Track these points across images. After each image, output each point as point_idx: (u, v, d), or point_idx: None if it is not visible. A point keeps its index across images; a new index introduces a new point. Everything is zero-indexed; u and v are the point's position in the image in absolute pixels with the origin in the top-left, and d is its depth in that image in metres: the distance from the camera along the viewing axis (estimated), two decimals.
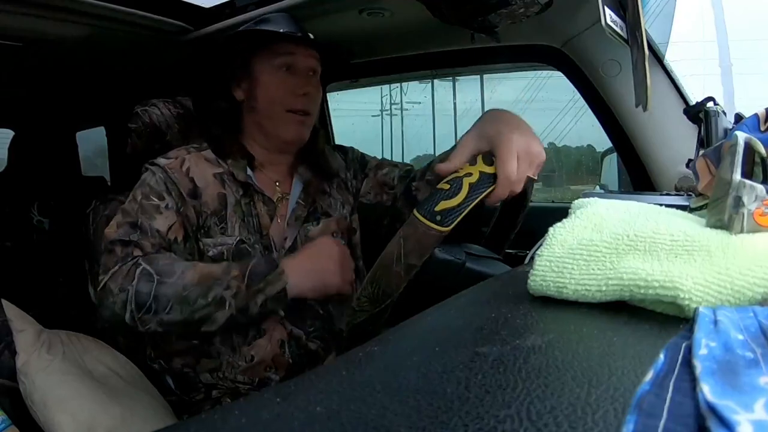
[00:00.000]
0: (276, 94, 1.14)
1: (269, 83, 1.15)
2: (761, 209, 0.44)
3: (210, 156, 1.15)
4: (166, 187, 1.08)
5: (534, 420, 0.26)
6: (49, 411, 1.01)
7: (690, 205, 0.78)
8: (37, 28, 1.34)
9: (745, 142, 0.47)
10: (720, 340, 0.31)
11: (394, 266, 0.81)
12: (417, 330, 0.45)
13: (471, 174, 0.82)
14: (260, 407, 0.32)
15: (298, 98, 1.15)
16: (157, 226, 1.04)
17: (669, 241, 0.43)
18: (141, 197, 1.07)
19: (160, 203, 1.06)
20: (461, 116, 9.28)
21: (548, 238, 0.50)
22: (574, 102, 6.52)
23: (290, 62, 1.15)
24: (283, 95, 1.14)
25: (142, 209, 1.05)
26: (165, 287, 0.96)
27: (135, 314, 0.95)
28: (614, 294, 0.43)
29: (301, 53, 1.16)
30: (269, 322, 1.10)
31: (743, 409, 0.23)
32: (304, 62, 1.16)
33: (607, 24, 0.82)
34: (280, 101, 1.14)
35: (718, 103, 1.13)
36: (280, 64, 1.15)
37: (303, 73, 1.16)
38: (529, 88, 7.24)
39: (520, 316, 0.43)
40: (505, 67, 2.19)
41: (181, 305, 0.96)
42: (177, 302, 0.96)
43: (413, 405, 0.29)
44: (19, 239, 2.33)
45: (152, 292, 0.95)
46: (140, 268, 0.97)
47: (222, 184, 1.12)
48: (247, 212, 1.13)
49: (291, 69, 1.15)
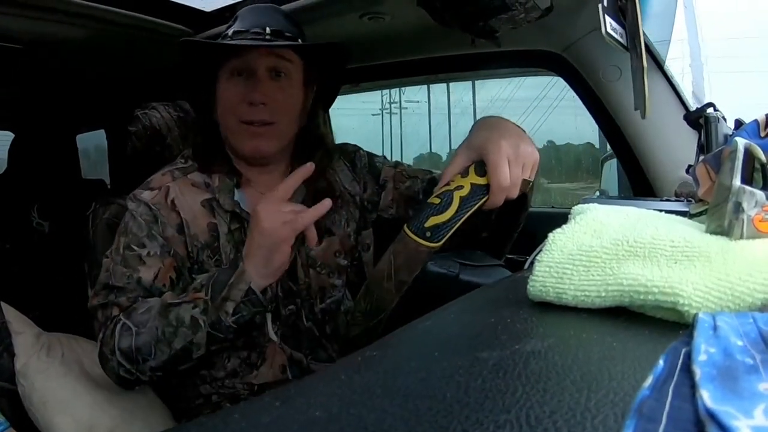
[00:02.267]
0: (227, 104, 1.04)
1: (223, 91, 1.05)
2: (761, 215, 0.44)
3: (197, 179, 1.06)
4: (149, 231, 1.01)
5: (533, 425, 0.26)
6: (49, 413, 1.01)
7: (690, 210, 0.78)
8: (38, 30, 1.34)
9: (745, 148, 0.47)
10: (720, 345, 0.31)
11: (385, 283, 0.81)
12: (416, 335, 0.45)
13: (462, 187, 0.82)
14: (260, 411, 0.32)
15: (248, 107, 1.02)
16: (141, 276, 0.98)
17: (669, 247, 0.43)
18: (123, 247, 1.01)
19: (142, 252, 1.00)
20: (455, 115, 9.41)
21: (548, 244, 0.50)
22: (539, 101, 6.62)
23: (241, 65, 1.03)
24: (233, 104, 1.03)
25: (124, 261, 0.99)
26: (142, 336, 0.92)
27: (131, 370, 0.94)
28: (614, 300, 0.43)
29: (253, 53, 1.02)
30: (269, 348, 1.05)
31: (743, 414, 0.23)
32: (257, 63, 1.02)
33: (607, 32, 0.82)
34: (232, 111, 1.04)
35: (718, 109, 1.13)
36: (231, 69, 1.04)
37: (260, 77, 1.03)
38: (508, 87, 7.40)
39: (520, 321, 0.43)
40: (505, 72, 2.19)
41: (159, 345, 0.92)
42: (156, 344, 0.92)
43: (412, 409, 0.29)
44: (19, 241, 2.33)
45: (132, 345, 0.92)
46: (119, 324, 0.94)
47: (212, 213, 1.04)
48: (239, 239, 1.03)
49: (244, 75, 1.03)
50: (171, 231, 1.02)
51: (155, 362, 0.93)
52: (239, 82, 1.03)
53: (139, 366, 0.93)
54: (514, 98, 7.20)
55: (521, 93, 7.07)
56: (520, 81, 5.92)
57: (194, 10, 1.47)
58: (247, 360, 1.05)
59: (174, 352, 0.92)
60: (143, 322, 0.93)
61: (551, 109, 6.70)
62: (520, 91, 7.11)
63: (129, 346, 0.93)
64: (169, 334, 0.92)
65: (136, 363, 0.93)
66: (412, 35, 1.48)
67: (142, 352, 0.92)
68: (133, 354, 0.93)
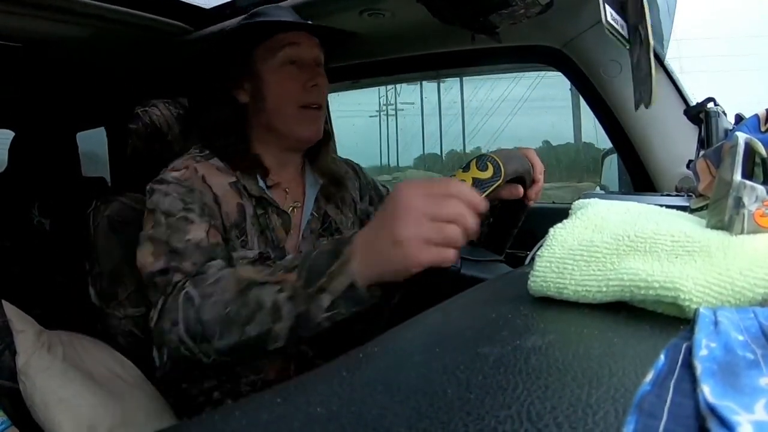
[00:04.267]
0: (286, 91, 1.06)
1: (276, 80, 1.07)
2: (761, 210, 0.44)
3: (219, 164, 1.06)
4: (185, 200, 0.97)
5: (534, 420, 0.26)
6: (50, 411, 1.01)
7: (690, 205, 0.78)
8: (38, 28, 1.34)
9: (746, 143, 0.47)
10: (720, 341, 0.31)
11: None
12: (417, 331, 0.45)
13: (464, 181, 0.82)
14: (260, 408, 0.32)
15: (309, 91, 1.07)
16: (192, 237, 0.92)
17: (669, 242, 0.43)
18: (164, 218, 0.95)
19: (187, 214, 0.95)
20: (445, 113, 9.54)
21: (549, 239, 0.50)
22: (500, 102, 6.70)
23: (295, 54, 1.07)
24: (294, 90, 1.06)
25: (170, 229, 0.93)
26: (208, 310, 0.80)
27: (192, 348, 0.81)
28: (615, 295, 0.43)
29: (305, 43, 1.09)
30: None
31: (744, 410, 0.23)
32: (309, 53, 1.09)
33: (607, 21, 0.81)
34: (292, 97, 1.07)
35: (718, 104, 1.13)
36: (284, 58, 1.07)
37: (310, 65, 1.09)
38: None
39: (521, 317, 0.43)
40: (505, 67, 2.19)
41: (229, 326, 0.78)
42: (223, 324, 0.79)
43: (413, 406, 0.29)
44: (20, 240, 2.33)
45: (198, 319, 0.80)
46: (183, 293, 0.83)
47: (239, 194, 1.04)
48: (264, 225, 1.05)
49: (297, 62, 1.07)
50: (208, 199, 1.00)
51: (222, 343, 0.79)
52: (293, 69, 1.07)
53: (202, 345, 0.80)
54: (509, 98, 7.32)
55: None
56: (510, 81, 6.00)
57: (193, 7, 1.47)
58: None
59: (246, 338, 0.78)
60: (210, 293, 0.81)
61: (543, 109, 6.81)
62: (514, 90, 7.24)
63: (195, 319, 0.80)
64: (245, 316, 0.77)
65: (200, 341, 0.80)
66: (412, 31, 1.48)
67: (208, 330, 0.79)
68: (198, 330, 0.80)
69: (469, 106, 9.61)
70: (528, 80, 5.94)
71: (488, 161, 0.85)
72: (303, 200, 1.14)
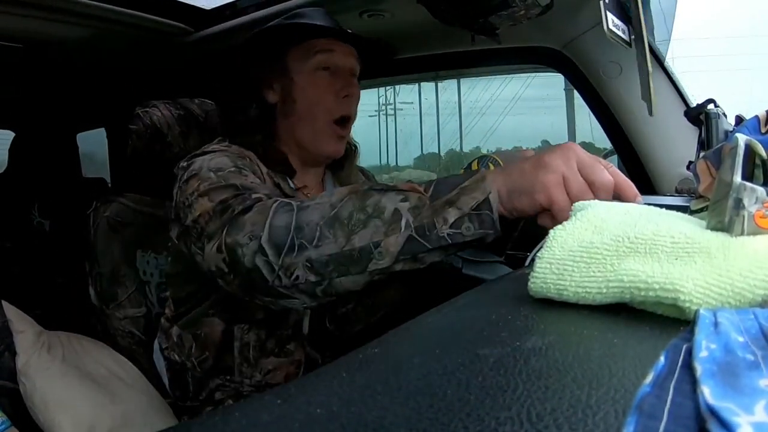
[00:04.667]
0: (316, 97, 1.03)
1: (308, 84, 1.03)
2: (762, 211, 0.44)
3: (252, 156, 1.01)
4: (234, 162, 0.90)
5: (534, 422, 0.26)
6: (50, 412, 1.01)
7: (690, 206, 0.78)
8: (38, 29, 1.34)
9: (746, 144, 0.47)
10: (720, 342, 0.31)
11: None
12: (417, 332, 0.45)
13: None
14: (260, 409, 0.31)
15: (341, 102, 1.04)
16: (254, 181, 0.87)
17: (669, 243, 0.43)
18: (213, 174, 0.85)
19: (240, 170, 0.89)
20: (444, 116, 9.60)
21: (549, 240, 0.50)
22: (492, 102, 6.70)
23: (329, 61, 1.04)
24: (324, 98, 1.03)
25: (225, 179, 0.84)
26: (308, 212, 0.71)
27: (275, 262, 0.70)
28: (615, 296, 0.43)
29: (340, 51, 1.05)
30: (293, 345, 1.04)
31: (744, 411, 0.23)
32: (344, 61, 1.06)
33: (609, 29, 0.82)
34: (321, 105, 1.03)
35: (719, 105, 1.13)
36: (318, 64, 1.04)
37: (344, 74, 1.06)
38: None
39: (521, 318, 0.43)
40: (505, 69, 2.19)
41: (334, 227, 0.69)
42: (327, 225, 0.69)
43: (413, 407, 0.29)
44: (20, 240, 2.33)
45: (293, 223, 0.70)
46: (275, 202, 0.74)
47: (278, 188, 1.02)
48: None
49: (331, 69, 1.04)
50: (258, 171, 0.96)
51: (317, 253, 0.69)
52: (326, 76, 1.04)
53: (289, 257, 0.69)
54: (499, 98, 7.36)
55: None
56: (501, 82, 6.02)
57: (194, 8, 1.47)
58: (264, 345, 1.03)
59: (349, 248, 0.68)
60: (306, 204, 0.73)
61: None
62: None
63: (287, 224, 0.71)
64: (357, 220, 0.69)
65: (290, 250, 0.69)
66: (412, 33, 1.48)
67: (303, 233, 0.70)
68: (288, 236, 0.70)
69: (465, 104, 9.64)
70: (521, 80, 5.97)
71: (490, 162, 0.85)
72: None
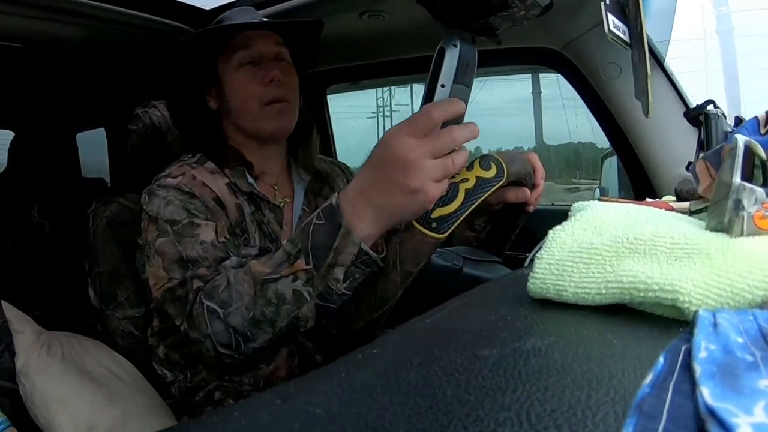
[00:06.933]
0: (243, 91, 1.08)
1: (235, 82, 1.08)
2: (761, 212, 0.44)
3: (212, 167, 1.07)
4: (188, 206, 0.98)
5: (534, 422, 0.26)
6: (49, 412, 1.01)
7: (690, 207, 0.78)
8: (38, 29, 1.34)
9: (745, 145, 0.47)
10: (720, 342, 0.31)
11: (391, 274, 0.81)
12: (417, 332, 0.45)
13: (467, 179, 0.82)
14: (260, 409, 0.32)
15: (268, 87, 1.07)
16: (204, 238, 0.94)
17: (669, 244, 0.43)
18: (169, 227, 0.95)
19: (192, 219, 0.96)
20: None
21: (548, 241, 0.50)
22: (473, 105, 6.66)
23: (250, 55, 1.08)
24: (251, 88, 1.07)
25: (178, 237, 0.94)
26: (233, 318, 0.84)
27: (233, 353, 0.86)
28: (614, 297, 0.43)
29: (260, 42, 1.09)
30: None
31: (743, 412, 0.23)
32: (266, 50, 1.09)
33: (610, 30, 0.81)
34: (250, 95, 1.07)
35: (718, 106, 1.13)
36: (240, 60, 1.08)
37: (267, 61, 1.09)
38: None
39: (520, 319, 0.43)
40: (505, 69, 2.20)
41: (261, 325, 0.84)
42: (252, 325, 0.84)
43: (413, 407, 0.29)
44: (19, 240, 2.33)
45: (227, 327, 0.84)
46: (204, 307, 0.86)
47: (235, 194, 1.06)
48: (260, 220, 1.08)
49: (254, 62, 1.08)
50: (210, 203, 1.01)
51: (258, 343, 0.85)
52: (250, 69, 1.08)
53: (240, 349, 0.86)
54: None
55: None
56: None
57: (193, 8, 1.47)
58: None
59: (278, 330, 0.83)
60: (227, 301, 0.85)
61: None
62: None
63: (224, 330, 0.84)
64: (271, 313, 0.82)
65: (237, 347, 0.85)
66: (411, 33, 1.48)
67: (240, 334, 0.84)
68: (231, 337, 0.85)
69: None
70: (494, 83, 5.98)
71: (491, 161, 0.85)
72: (292, 196, 1.17)
